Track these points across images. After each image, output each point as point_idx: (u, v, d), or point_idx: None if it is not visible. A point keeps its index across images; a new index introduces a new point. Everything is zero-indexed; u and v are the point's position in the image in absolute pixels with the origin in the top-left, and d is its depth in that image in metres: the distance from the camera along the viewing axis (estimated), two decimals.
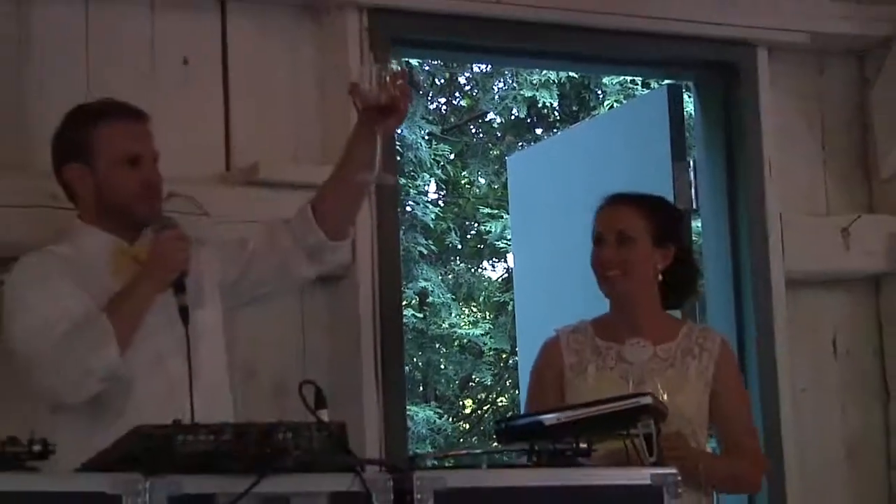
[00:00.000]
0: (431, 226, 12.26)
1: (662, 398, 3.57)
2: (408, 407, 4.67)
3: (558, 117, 12.54)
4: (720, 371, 3.80)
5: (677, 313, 4.11)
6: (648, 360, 3.78)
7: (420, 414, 12.02)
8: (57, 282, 3.43)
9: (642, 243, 3.79)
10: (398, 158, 5.59)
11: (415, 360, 12.35)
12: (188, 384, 3.32)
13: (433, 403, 12.69)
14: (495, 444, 3.25)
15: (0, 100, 4.09)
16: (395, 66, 3.50)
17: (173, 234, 3.43)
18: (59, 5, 4.17)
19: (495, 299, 12.95)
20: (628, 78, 11.11)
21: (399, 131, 9.21)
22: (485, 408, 13.56)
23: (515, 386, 11.79)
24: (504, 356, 12.82)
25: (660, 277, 3.82)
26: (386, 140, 3.52)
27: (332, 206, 3.67)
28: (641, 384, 3.70)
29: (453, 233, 12.78)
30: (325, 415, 2.93)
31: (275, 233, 3.71)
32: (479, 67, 12.46)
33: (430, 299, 12.38)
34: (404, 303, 5.88)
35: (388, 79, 3.43)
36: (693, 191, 5.07)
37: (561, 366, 3.82)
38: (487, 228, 12.51)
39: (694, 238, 5.25)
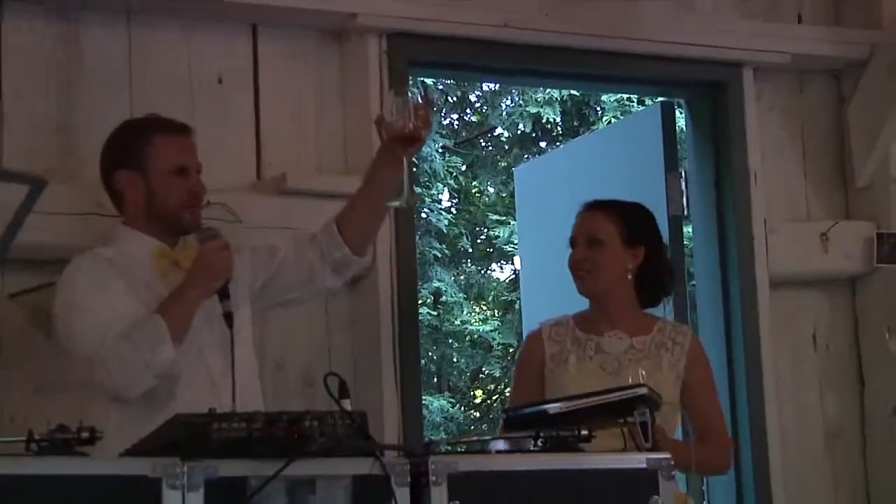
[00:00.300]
0: (445, 231, 12.27)
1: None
2: (423, 397, 4.66)
3: (561, 132, 12.54)
4: (691, 364, 3.81)
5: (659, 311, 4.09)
6: (625, 351, 3.79)
7: (434, 403, 12.02)
8: (109, 283, 3.42)
9: (611, 245, 3.81)
10: (414, 170, 5.59)
11: (430, 354, 12.35)
12: (230, 379, 3.34)
13: (446, 394, 12.69)
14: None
15: (52, 117, 4.09)
16: (416, 97, 3.51)
17: (218, 245, 3.42)
18: (105, 30, 4.18)
19: (503, 298, 12.95)
20: (625, 95, 11.11)
21: None
22: (494, 398, 13.55)
23: None
24: (511, 350, 12.82)
25: (629, 277, 3.82)
26: (408, 163, 3.53)
27: (356, 225, 3.68)
28: (619, 373, 3.71)
29: (465, 237, 12.79)
30: (347, 404, 2.93)
31: (303, 246, 3.69)
32: (489, 86, 12.48)
33: (443, 298, 12.38)
34: (420, 302, 5.89)
35: (410, 110, 3.46)
36: (684, 199, 5.06)
37: (542, 356, 3.83)
38: (496, 233, 12.51)
39: (685, 242, 5.23)
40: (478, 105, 13.25)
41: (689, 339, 3.85)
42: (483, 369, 13.07)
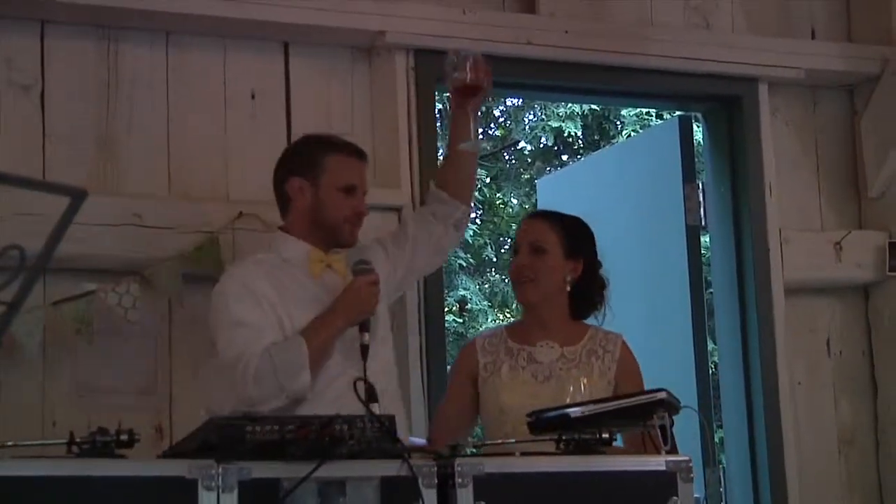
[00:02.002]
0: (470, 241, 12.25)
1: (570, 394, 3.61)
2: None
3: (582, 145, 12.51)
4: (621, 368, 3.75)
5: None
6: (556, 360, 3.74)
7: None
8: (258, 292, 3.45)
9: (553, 254, 3.77)
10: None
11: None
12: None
13: None
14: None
15: (93, 133, 4.11)
16: (476, 53, 3.68)
17: (371, 279, 3.46)
18: (144, 48, 4.20)
19: None
20: (644, 110, 11.08)
21: (441, 157, 9.20)
22: None
23: None
24: None
25: (567, 288, 3.79)
26: (473, 113, 3.72)
27: (458, 180, 3.84)
28: (547, 381, 3.69)
29: (489, 247, 12.77)
30: (376, 408, 2.93)
31: (424, 221, 3.83)
32: (512, 101, 12.46)
33: (468, 306, 12.36)
34: (446, 309, 5.87)
35: (470, 63, 3.64)
36: (702, 210, 5.05)
37: (476, 366, 3.79)
38: None
39: (703, 252, 5.22)
40: (502, 119, 13.24)
41: (619, 346, 3.79)
42: None
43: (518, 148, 13.15)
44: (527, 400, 3.53)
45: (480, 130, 13.20)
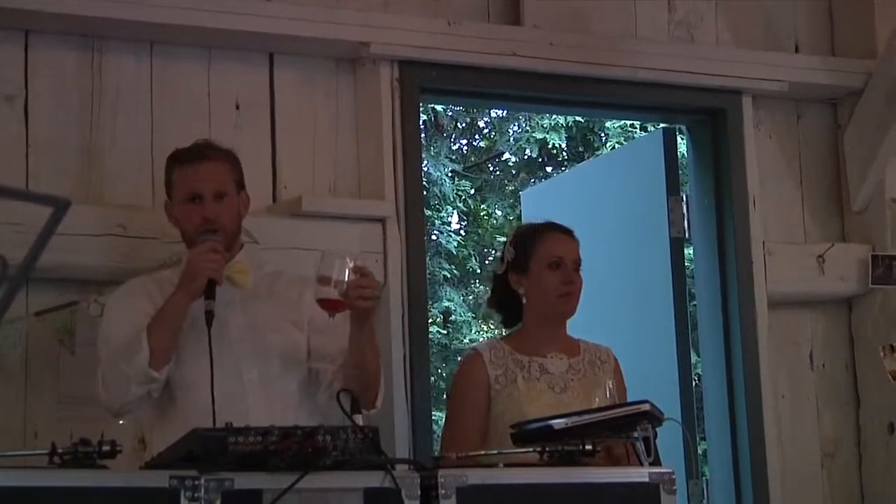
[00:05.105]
0: (454, 252, 12.24)
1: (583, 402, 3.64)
2: (433, 412, 4.65)
3: (566, 157, 12.51)
4: (616, 379, 3.85)
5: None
6: (566, 370, 3.80)
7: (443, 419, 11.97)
8: (133, 304, 3.44)
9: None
10: (424, 193, 5.59)
11: (439, 371, 12.31)
12: (260, 393, 3.38)
13: None
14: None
15: (77, 143, 4.10)
16: (351, 262, 3.27)
17: (204, 247, 3.40)
18: (128, 58, 4.19)
19: None
20: (628, 122, 11.09)
21: (425, 168, 9.21)
22: None
23: None
24: None
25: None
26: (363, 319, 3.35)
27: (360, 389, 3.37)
28: (564, 392, 3.74)
29: (473, 258, 12.76)
30: (360, 420, 2.93)
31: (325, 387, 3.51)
32: (497, 112, 12.46)
33: (452, 317, 12.35)
34: (430, 320, 5.86)
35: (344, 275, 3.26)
36: (686, 222, 5.06)
37: (486, 379, 3.77)
38: None
39: (686, 264, 5.23)
40: (486, 131, 13.24)
41: (612, 357, 3.89)
42: None
43: (503, 159, 13.16)
44: (548, 410, 3.55)
45: (464, 143, 13.24)
